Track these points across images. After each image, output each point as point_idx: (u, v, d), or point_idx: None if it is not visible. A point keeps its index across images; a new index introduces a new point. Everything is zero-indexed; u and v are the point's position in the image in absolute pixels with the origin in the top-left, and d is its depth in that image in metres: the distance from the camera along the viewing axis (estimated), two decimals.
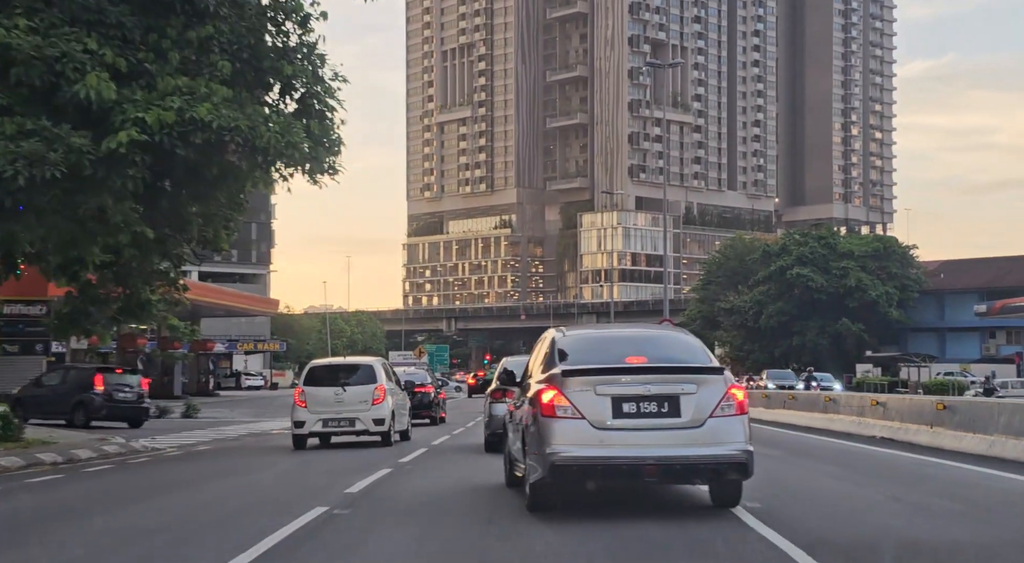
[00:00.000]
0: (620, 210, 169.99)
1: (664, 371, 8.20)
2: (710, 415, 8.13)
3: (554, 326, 10.00)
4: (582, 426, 8.00)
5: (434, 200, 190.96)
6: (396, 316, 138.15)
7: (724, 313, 78.95)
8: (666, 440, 8.06)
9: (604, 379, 8.14)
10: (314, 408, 17.20)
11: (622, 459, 8.05)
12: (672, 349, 8.79)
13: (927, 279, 71.60)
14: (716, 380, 8.34)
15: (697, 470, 8.27)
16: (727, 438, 8.13)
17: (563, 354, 8.74)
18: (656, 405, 8.08)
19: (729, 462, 8.14)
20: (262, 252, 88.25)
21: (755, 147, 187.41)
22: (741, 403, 8.35)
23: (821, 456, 15.49)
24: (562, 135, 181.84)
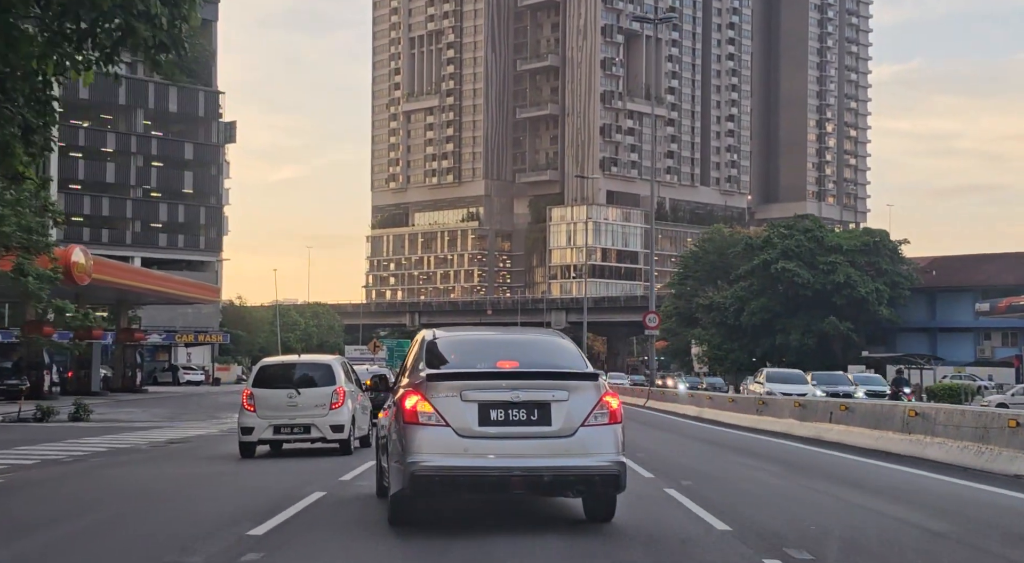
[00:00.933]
0: (591, 204, 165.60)
1: (535, 377, 7.82)
2: (582, 424, 7.78)
3: (522, 322, 9.19)
4: (446, 434, 7.64)
5: (399, 191, 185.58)
6: (357, 310, 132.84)
7: (702, 310, 74.56)
8: (534, 450, 7.68)
9: (471, 384, 7.75)
10: (264, 413, 15.48)
11: (487, 470, 7.64)
12: (547, 354, 8.43)
13: (919, 276, 67.49)
14: (589, 387, 7.94)
15: (567, 482, 7.83)
16: (599, 449, 7.77)
17: (431, 357, 8.36)
18: (525, 413, 7.74)
19: (600, 474, 7.76)
20: (212, 238, 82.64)
21: (729, 142, 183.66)
22: (615, 411, 7.97)
23: None
24: (532, 126, 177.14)
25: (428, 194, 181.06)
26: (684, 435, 19.23)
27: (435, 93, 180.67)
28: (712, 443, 17.56)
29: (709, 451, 16.35)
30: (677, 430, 20.57)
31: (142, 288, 37.51)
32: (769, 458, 14.65)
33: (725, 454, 15.64)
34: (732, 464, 14.01)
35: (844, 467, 13.51)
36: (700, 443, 17.63)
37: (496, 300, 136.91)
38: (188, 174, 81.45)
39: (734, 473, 12.87)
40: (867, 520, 8.95)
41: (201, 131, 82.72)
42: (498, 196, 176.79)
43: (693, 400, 26.37)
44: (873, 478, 12.31)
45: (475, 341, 9.04)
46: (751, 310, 68.98)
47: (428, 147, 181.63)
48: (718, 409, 23.20)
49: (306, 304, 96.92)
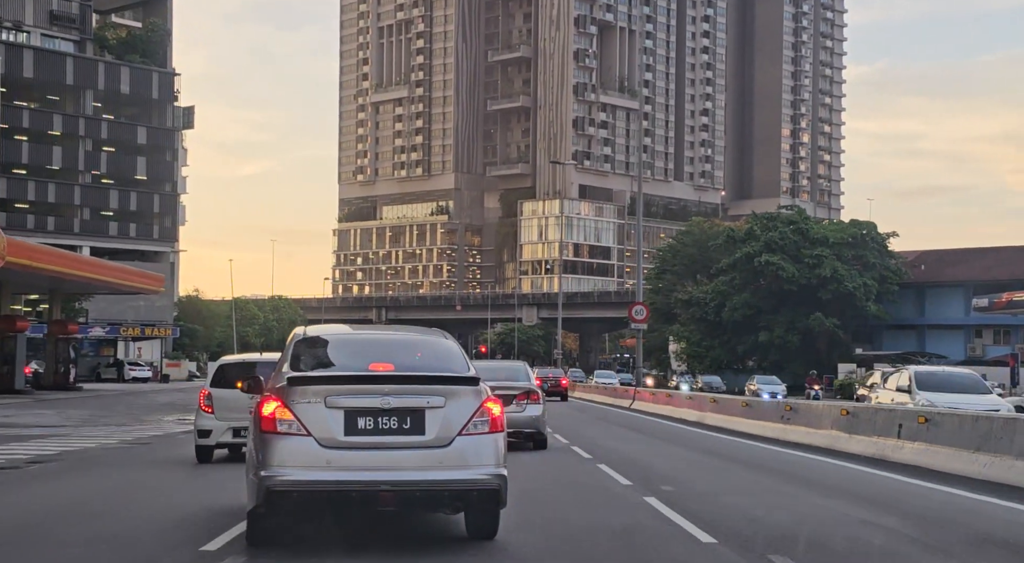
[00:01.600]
0: (563, 198, 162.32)
1: (408, 381, 7.13)
2: (459, 433, 7.08)
3: (492, 318, 12.56)
4: (307, 444, 6.94)
5: (367, 184, 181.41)
6: (322, 304, 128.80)
7: (681, 305, 71.39)
8: (406, 461, 7.00)
9: (337, 389, 7.03)
10: (223, 414, 14.52)
11: (352, 484, 6.94)
12: (426, 356, 7.70)
13: (907, 271, 64.65)
14: (468, 393, 7.22)
15: (441, 497, 7.13)
16: (478, 460, 7.08)
17: (297, 357, 7.57)
18: (397, 420, 7.05)
19: (479, 489, 7.09)
20: (166, 228, 78.42)
21: (703, 136, 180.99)
22: (496, 419, 7.26)
23: None
24: (503, 118, 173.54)
25: (396, 187, 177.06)
26: (697, 449, 15.71)
27: (404, 84, 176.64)
28: (744, 464, 13.58)
29: (749, 477, 12.23)
30: (683, 441, 16.99)
31: (71, 275, 33.61)
32: (842, 492, 10.72)
33: (776, 483, 11.51)
34: (804, 504, 9.79)
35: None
36: (725, 462, 13.86)
37: (465, 295, 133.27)
38: (141, 159, 77.21)
39: (820, 523, 8.66)
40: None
41: (155, 114, 78.49)
42: (468, 190, 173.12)
43: (693, 402, 22.85)
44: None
45: (348, 341, 8.18)
46: (733, 305, 65.91)
47: (397, 139, 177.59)
48: (726, 414, 19.70)
49: (266, 298, 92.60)
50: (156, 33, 78.59)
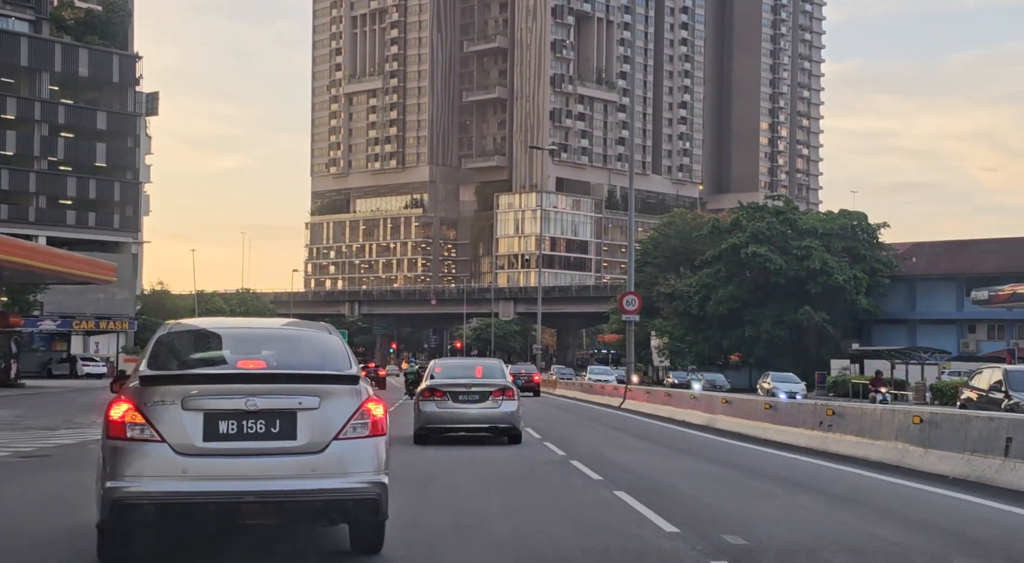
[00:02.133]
0: (540, 191, 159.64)
1: (279, 380, 6.50)
2: (335, 437, 6.46)
3: (468, 313, 7.16)
4: (160, 451, 6.31)
5: (340, 176, 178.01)
6: (293, 299, 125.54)
7: (664, 299, 68.90)
8: (274, 469, 6.37)
9: (196, 389, 6.39)
10: None
11: (211, 495, 6.29)
12: (303, 351, 7.03)
13: (899, 263, 62.44)
14: (346, 392, 6.58)
15: (314, 508, 6.45)
16: (355, 467, 6.48)
17: (158, 354, 6.81)
18: (265, 424, 6.38)
19: (356, 499, 6.48)
20: (127, 217, 75.04)
21: (681, 129, 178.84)
22: (378, 421, 6.64)
23: None
24: (479, 110, 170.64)
25: (370, 180, 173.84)
26: (727, 464, 12.81)
27: (378, 75, 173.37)
28: (805, 489, 10.37)
29: (827, 512, 8.89)
30: (705, 452, 14.27)
31: (6, 262, 30.52)
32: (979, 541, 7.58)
33: (874, 524, 8.19)
34: None
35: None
36: (783, 488, 10.50)
37: (440, 290, 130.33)
38: (100, 146, 73.80)
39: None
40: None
41: (116, 99, 75.05)
42: (443, 182, 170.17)
43: (699, 403, 20.09)
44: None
45: (218, 335, 7.28)
46: (718, 299, 63.50)
47: (371, 131, 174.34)
48: (743, 418, 16.94)
49: (233, 292, 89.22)
50: (116, 14, 75.21)
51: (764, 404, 15.72)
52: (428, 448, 15.30)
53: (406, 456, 13.41)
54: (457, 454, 14.52)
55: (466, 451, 14.93)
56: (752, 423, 16.42)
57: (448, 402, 16.35)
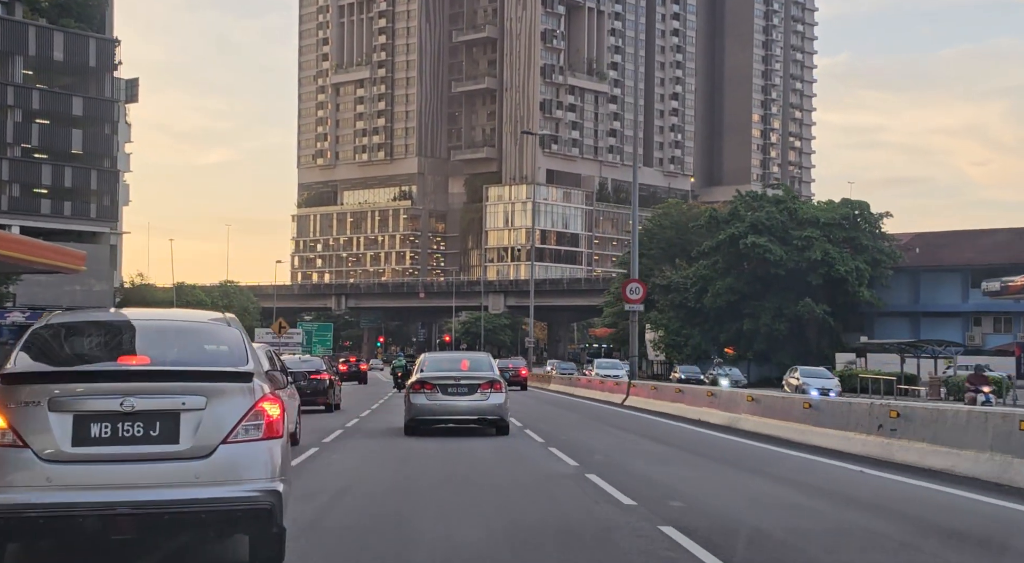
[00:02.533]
0: (530, 183, 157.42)
1: (160, 377, 5.93)
2: (224, 440, 5.91)
3: (457, 306, 7.03)
4: (22, 458, 5.73)
5: (327, 168, 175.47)
6: (279, 292, 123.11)
7: (659, 291, 66.85)
8: (152, 477, 5.81)
9: (65, 388, 5.81)
10: None
11: (80, 506, 5.70)
12: (193, 346, 6.44)
13: (901, 254, 60.55)
14: (238, 391, 6.02)
15: (196, 520, 5.85)
16: (246, 473, 5.92)
17: (29, 349, 6.28)
18: (143, 426, 5.83)
19: (245, 509, 5.87)
20: (105, 206, 72.51)
21: (673, 121, 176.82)
22: (273, 422, 6.08)
23: None
24: (468, 101, 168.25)
25: (358, 172, 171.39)
26: (785, 481, 10.45)
27: (366, 65, 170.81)
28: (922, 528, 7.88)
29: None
30: (746, 462, 12.07)
31: None
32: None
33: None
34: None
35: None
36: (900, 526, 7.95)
37: (429, 283, 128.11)
38: (77, 132, 71.22)
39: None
40: None
41: (93, 84, 72.48)
42: (432, 174, 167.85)
43: (718, 401, 17.92)
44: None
45: (100, 328, 6.68)
46: (715, 291, 61.49)
47: (358, 122, 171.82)
48: (774, 418, 14.75)
49: (215, 285, 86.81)
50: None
51: (803, 403, 13.58)
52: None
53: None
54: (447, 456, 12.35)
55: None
56: (787, 425, 14.28)
57: (438, 394, 16.84)
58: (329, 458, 13.05)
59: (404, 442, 15.24)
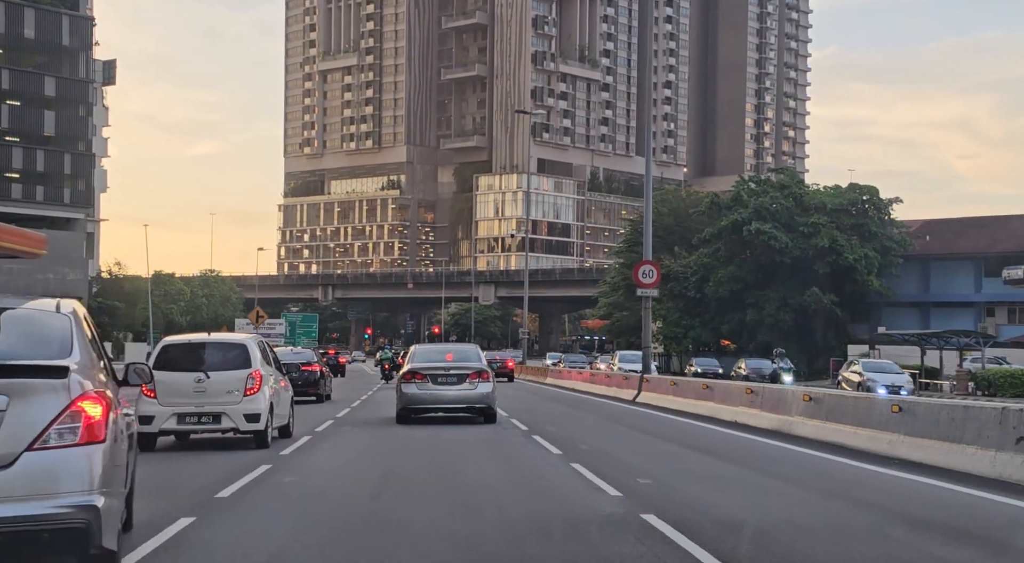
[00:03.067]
0: (521, 173, 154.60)
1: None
2: (29, 447, 5.14)
3: (446, 297, 7.74)
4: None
5: (314, 157, 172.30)
6: (265, 282, 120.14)
7: (661, 281, 64.09)
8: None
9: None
10: (166, 399, 13.63)
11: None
12: (14, 336, 5.69)
13: (911, 241, 58.07)
14: (49, 388, 5.22)
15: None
16: (56, 486, 5.12)
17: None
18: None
19: (53, 528, 5.04)
20: (79, 191, 69.53)
21: (665, 110, 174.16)
22: (94, 425, 5.27)
23: None
24: (458, 88, 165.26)
25: (345, 160, 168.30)
26: None
27: (353, 51, 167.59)
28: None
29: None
30: (847, 493, 8.99)
31: None
32: None
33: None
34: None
35: None
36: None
37: (418, 273, 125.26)
38: (49, 114, 68.18)
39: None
40: None
41: (66, 64, 69.40)
42: (421, 163, 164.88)
43: (762, 400, 15.07)
44: None
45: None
46: (717, 280, 58.90)
47: (346, 110, 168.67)
48: (847, 425, 11.90)
49: (197, 274, 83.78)
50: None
51: (891, 405, 10.83)
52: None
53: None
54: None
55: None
56: (864, 433, 11.46)
57: (428, 384, 17.54)
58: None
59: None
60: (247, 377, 13.73)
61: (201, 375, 13.76)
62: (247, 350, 14.03)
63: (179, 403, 13.53)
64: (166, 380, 13.46)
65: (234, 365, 13.88)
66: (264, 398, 13.83)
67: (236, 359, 13.94)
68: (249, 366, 13.84)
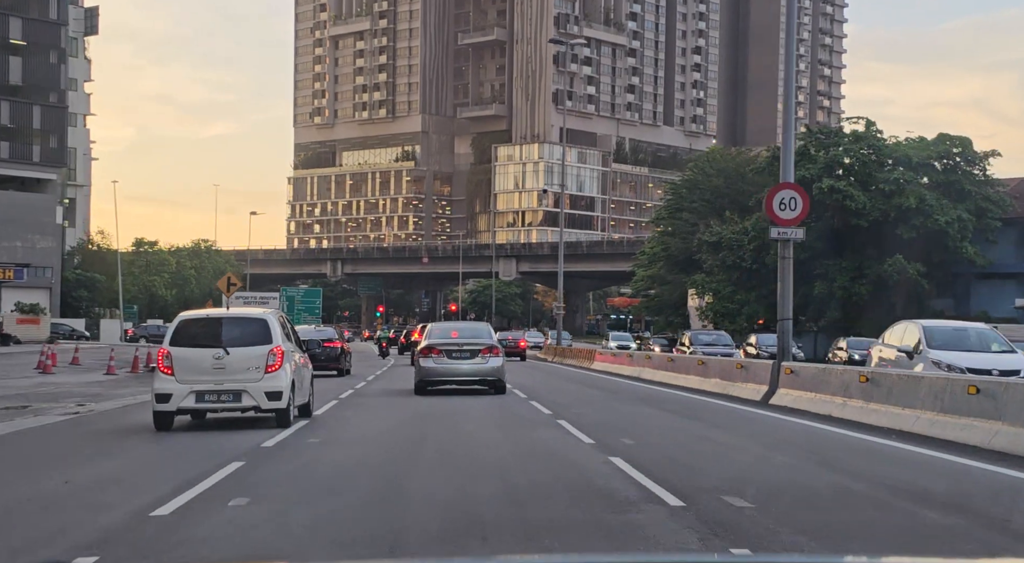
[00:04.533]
0: (542, 142, 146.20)
1: None
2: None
3: (464, 272, 11.90)
4: None
5: (325, 128, 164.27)
6: (269, 257, 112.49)
7: (707, 249, 55.98)
8: None
9: None
10: (184, 376, 13.54)
11: None
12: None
13: (1011, 202, 49.56)
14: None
15: None
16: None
17: None
18: None
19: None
20: (51, 149, 61.71)
21: (695, 77, 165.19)
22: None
23: None
24: (476, 54, 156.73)
25: (358, 130, 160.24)
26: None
27: (366, 15, 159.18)
28: None
29: None
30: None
31: None
32: None
33: None
34: None
35: None
36: None
37: (434, 246, 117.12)
38: (16, 60, 60.43)
39: None
40: None
41: (35, 4, 61.45)
42: (437, 133, 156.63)
43: (991, 406, 7.27)
44: None
45: None
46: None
47: (358, 77, 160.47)
48: None
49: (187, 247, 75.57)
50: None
51: None
52: None
53: None
54: None
55: None
56: None
57: (444, 359, 19.91)
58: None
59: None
60: (268, 353, 13.62)
61: (220, 351, 13.58)
62: (267, 325, 13.89)
63: (197, 380, 13.46)
64: (183, 356, 13.44)
65: (254, 341, 13.74)
66: (286, 375, 13.73)
67: (256, 334, 13.80)
68: (270, 342, 13.72)
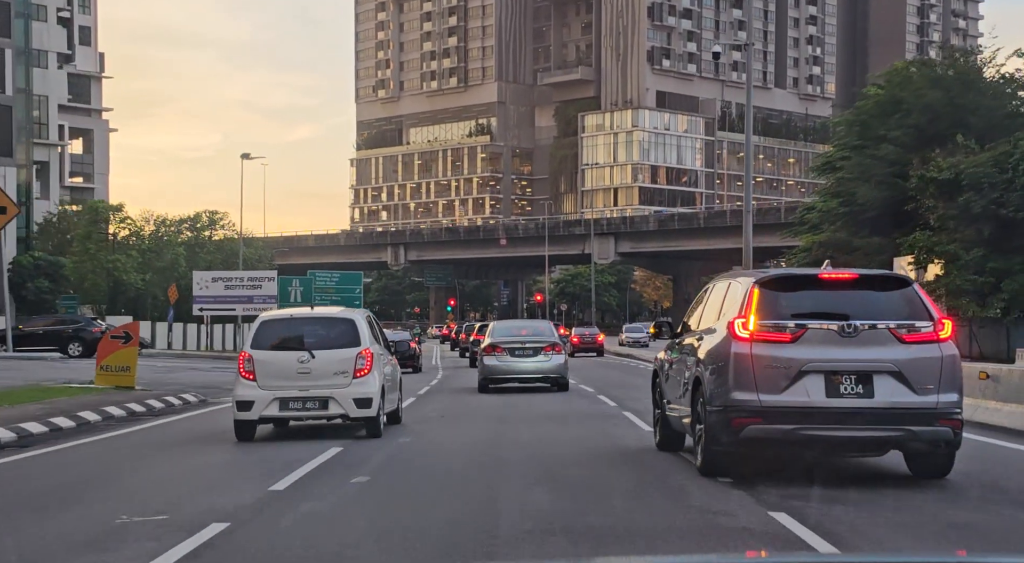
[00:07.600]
0: (636, 108, 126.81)
1: None
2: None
3: (551, 254, 16.03)
4: None
5: (390, 102, 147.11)
6: (321, 243, 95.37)
7: (933, 191, 36.16)
8: None
9: None
10: (267, 382, 12.78)
11: None
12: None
13: None
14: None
15: None
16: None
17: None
18: None
19: None
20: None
21: (811, 32, 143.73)
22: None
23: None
24: (558, 11, 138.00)
25: (426, 104, 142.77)
26: None
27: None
28: None
29: None
30: None
31: None
32: None
33: None
34: None
35: None
36: None
37: (513, 225, 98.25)
38: None
39: None
40: None
41: None
42: (515, 103, 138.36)
43: None
44: None
45: None
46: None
47: (425, 43, 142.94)
48: None
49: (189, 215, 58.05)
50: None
51: None
52: None
53: None
54: None
55: None
56: None
57: (507, 357, 21.31)
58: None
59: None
60: (356, 356, 12.92)
61: (305, 355, 12.86)
62: (355, 326, 13.22)
63: (281, 387, 12.72)
64: (266, 361, 12.84)
65: (341, 343, 13.04)
66: (376, 380, 12.98)
67: (343, 336, 13.14)
68: (358, 344, 13.00)
